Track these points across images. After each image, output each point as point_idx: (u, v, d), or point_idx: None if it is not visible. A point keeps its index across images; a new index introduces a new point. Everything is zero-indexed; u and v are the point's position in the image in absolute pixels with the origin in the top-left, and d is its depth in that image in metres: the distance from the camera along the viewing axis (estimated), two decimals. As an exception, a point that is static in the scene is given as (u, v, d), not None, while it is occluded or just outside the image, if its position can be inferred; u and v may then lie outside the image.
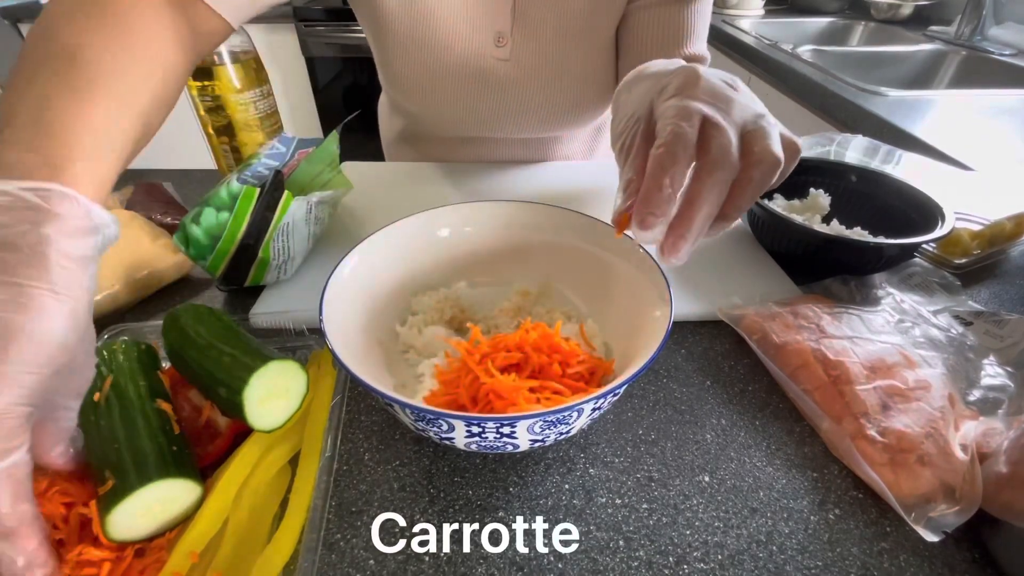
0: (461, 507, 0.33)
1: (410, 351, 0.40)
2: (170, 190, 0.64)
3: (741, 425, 0.38)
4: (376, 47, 0.66)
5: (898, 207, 0.55)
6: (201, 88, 0.57)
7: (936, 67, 1.37)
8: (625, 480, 0.35)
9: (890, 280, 0.49)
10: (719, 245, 0.56)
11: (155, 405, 0.33)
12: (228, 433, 0.35)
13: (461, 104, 0.66)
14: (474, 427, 0.28)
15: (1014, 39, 1.31)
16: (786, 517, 0.33)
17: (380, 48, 0.65)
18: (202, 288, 0.52)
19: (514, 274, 0.46)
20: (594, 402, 0.28)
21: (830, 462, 0.36)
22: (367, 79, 2.04)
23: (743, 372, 0.43)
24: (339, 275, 0.37)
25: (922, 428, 0.34)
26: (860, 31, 1.66)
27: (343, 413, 0.39)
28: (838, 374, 0.38)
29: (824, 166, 0.60)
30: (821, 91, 1.09)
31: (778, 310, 0.45)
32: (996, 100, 1.02)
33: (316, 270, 0.52)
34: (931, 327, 0.44)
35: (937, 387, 0.37)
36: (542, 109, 0.66)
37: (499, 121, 0.67)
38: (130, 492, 0.27)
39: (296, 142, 0.53)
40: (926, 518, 0.31)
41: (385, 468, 0.35)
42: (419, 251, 0.44)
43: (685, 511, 0.33)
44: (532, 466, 0.36)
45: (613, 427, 0.38)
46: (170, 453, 0.30)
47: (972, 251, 0.54)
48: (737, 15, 1.70)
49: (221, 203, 0.43)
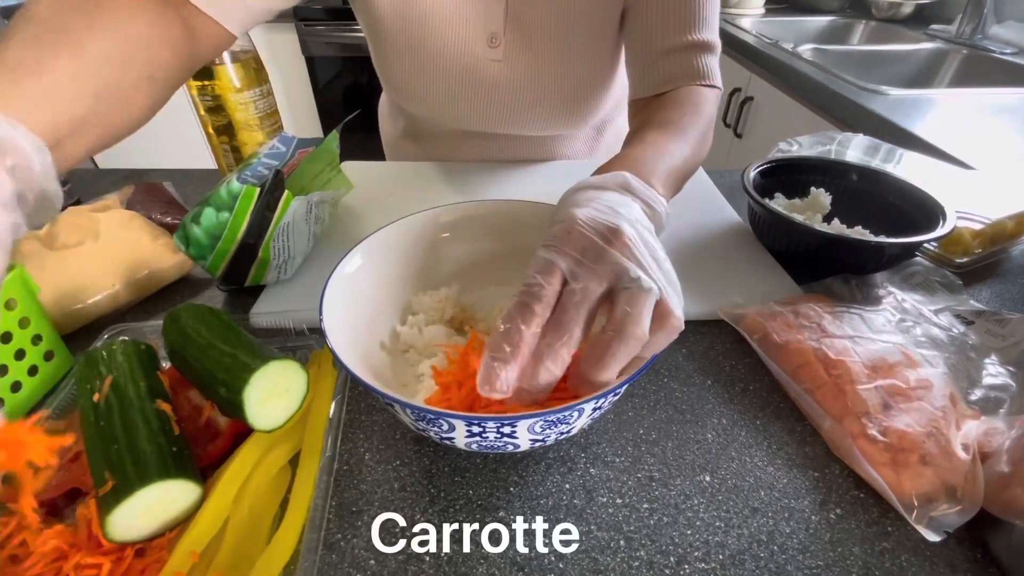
0: (461, 507, 0.33)
1: (410, 351, 0.40)
2: (170, 190, 0.64)
3: (742, 424, 0.38)
4: (373, 48, 0.66)
5: (899, 206, 0.55)
6: (201, 88, 0.57)
7: (937, 66, 1.37)
8: (626, 480, 0.35)
9: (891, 279, 0.49)
10: (720, 244, 0.56)
11: (155, 405, 0.33)
12: (228, 433, 0.35)
13: (456, 104, 0.66)
14: (475, 427, 0.28)
15: (1015, 38, 1.31)
16: (787, 517, 0.33)
17: (376, 49, 0.66)
18: (202, 288, 0.51)
19: (514, 274, 0.45)
20: (594, 402, 0.27)
21: (831, 462, 0.36)
22: (367, 78, 2.03)
23: (744, 371, 0.43)
24: (339, 275, 0.36)
25: (923, 428, 0.34)
26: (861, 30, 1.66)
27: (343, 413, 0.39)
28: (839, 373, 0.38)
29: (825, 165, 0.60)
30: (822, 90, 1.09)
31: (779, 309, 0.44)
32: (997, 99, 1.02)
33: (316, 270, 0.52)
34: (932, 326, 0.44)
35: (938, 386, 0.37)
36: (537, 108, 0.66)
37: (495, 121, 0.67)
38: (130, 493, 0.27)
39: (296, 142, 0.53)
40: (928, 518, 0.31)
41: (385, 468, 0.35)
42: (420, 250, 0.44)
43: (686, 511, 0.33)
44: (533, 466, 0.35)
45: (614, 426, 0.38)
46: (170, 454, 0.30)
47: (973, 250, 0.54)
48: (738, 14, 1.70)
49: (221, 203, 0.43)
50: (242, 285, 0.48)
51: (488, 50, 0.62)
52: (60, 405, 0.36)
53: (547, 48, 0.61)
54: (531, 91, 0.64)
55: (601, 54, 0.63)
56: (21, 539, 0.28)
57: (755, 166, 0.58)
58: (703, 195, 0.66)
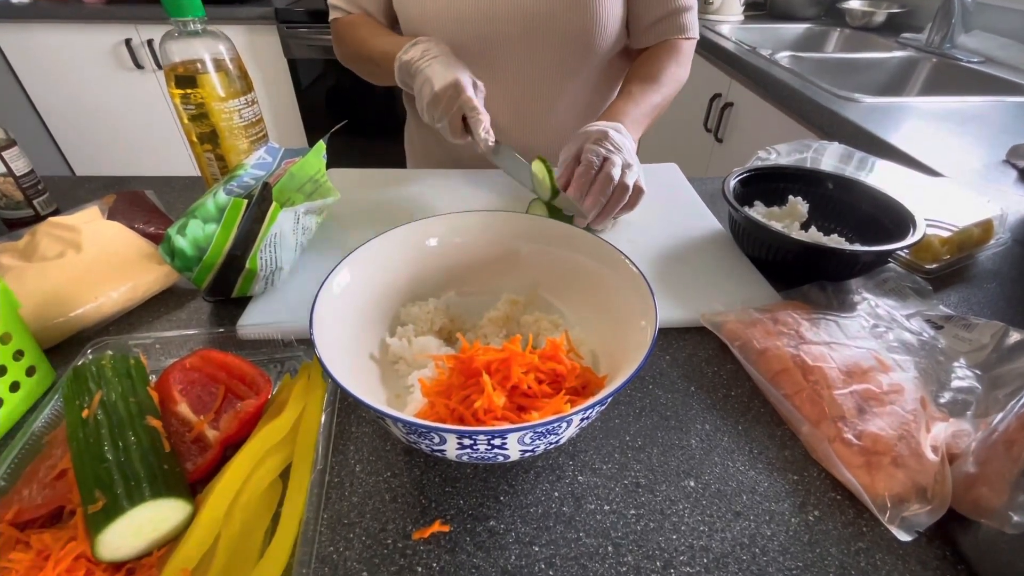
0: (453, 516, 0.34)
1: (400, 362, 0.41)
2: (152, 198, 0.63)
3: (724, 430, 0.40)
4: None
5: (873, 214, 0.56)
6: (184, 96, 0.56)
7: (908, 73, 1.41)
8: (613, 486, 0.36)
9: (866, 285, 0.51)
10: (702, 252, 0.58)
11: (145, 422, 0.32)
12: (218, 446, 0.35)
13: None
14: (465, 439, 0.28)
15: (981, 47, 1.36)
16: (768, 520, 0.34)
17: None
18: (188, 299, 0.51)
19: (502, 283, 0.46)
20: (582, 413, 0.28)
21: (809, 464, 0.37)
22: (350, 81, 2.02)
23: (726, 377, 0.44)
24: (328, 290, 0.37)
25: (895, 431, 0.36)
26: (836, 37, 1.70)
27: (334, 425, 0.39)
28: (816, 379, 0.40)
29: (802, 174, 0.62)
30: (799, 97, 1.11)
31: (759, 316, 0.46)
32: (964, 106, 1.05)
33: (303, 279, 0.52)
34: (904, 331, 0.45)
35: (910, 390, 0.39)
36: (550, 32, 0.68)
37: (506, 39, 0.69)
38: (121, 513, 0.27)
39: (283, 152, 0.53)
40: (900, 518, 0.32)
41: (377, 479, 0.36)
42: (407, 262, 0.44)
43: (671, 516, 0.34)
44: (522, 474, 0.36)
45: (601, 434, 0.39)
46: (160, 472, 0.30)
47: (942, 256, 0.56)
48: (718, 20, 1.73)
49: (208, 215, 0.43)
50: (228, 296, 0.47)
51: None
52: (44, 421, 0.36)
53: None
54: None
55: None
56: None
57: (735, 175, 0.59)
58: (685, 204, 0.68)
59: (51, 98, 2.03)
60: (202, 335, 0.44)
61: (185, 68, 0.55)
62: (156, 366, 0.42)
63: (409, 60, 0.62)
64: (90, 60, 1.94)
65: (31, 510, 0.31)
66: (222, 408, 0.38)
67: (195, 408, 0.38)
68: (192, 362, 0.40)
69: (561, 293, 0.46)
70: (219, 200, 0.43)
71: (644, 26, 0.73)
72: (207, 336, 0.44)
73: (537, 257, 0.46)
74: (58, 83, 1.99)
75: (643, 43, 0.75)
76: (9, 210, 0.60)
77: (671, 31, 0.73)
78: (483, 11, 0.67)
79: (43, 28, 1.87)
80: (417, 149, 0.90)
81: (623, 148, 0.57)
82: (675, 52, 0.73)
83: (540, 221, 0.46)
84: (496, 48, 0.69)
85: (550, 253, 0.45)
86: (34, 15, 1.84)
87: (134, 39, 1.89)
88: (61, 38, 1.89)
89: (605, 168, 0.54)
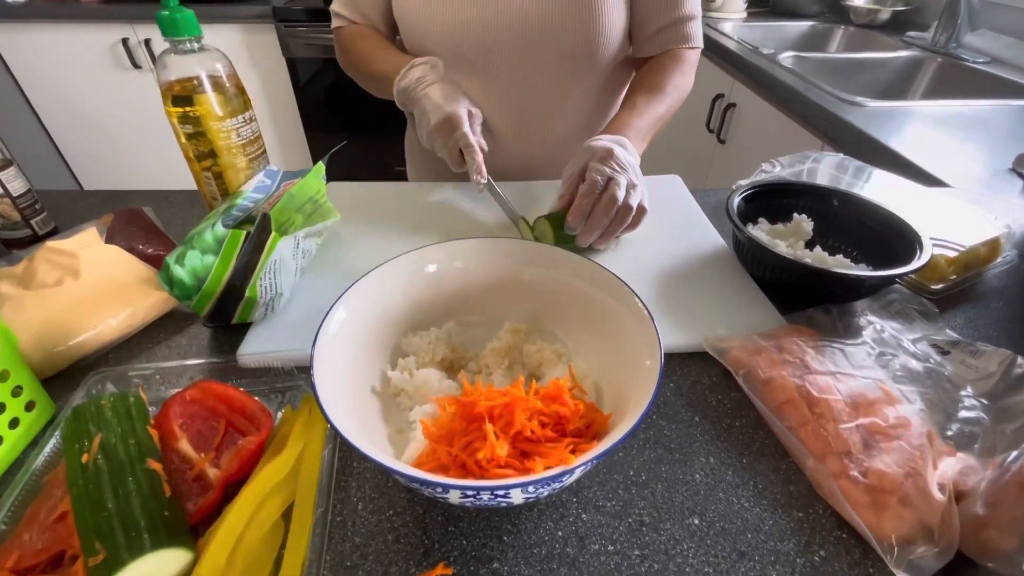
0: (456, 558, 0.33)
1: (401, 394, 0.40)
2: (151, 216, 0.63)
3: (729, 463, 0.39)
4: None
5: (879, 232, 0.56)
6: (182, 115, 0.56)
7: (913, 74, 1.40)
8: (617, 525, 0.35)
9: (871, 307, 0.51)
10: (705, 271, 0.57)
11: (145, 466, 0.32)
12: (219, 486, 0.35)
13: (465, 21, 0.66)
14: (469, 491, 0.28)
15: (988, 46, 1.34)
16: (773, 560, 0.33)
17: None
18: (187, 325, 0.51)
19: (503, 311, 0.46)
20: (583, 467, 0.28)
21: (815, 501, 0.37)
22: (349, 79, 2.00)
23: (730, 407, 0.44)
24: (326, 331, 0.36)
25: (902, 467, 0.35)
26: (840, 35, 1.68)
27: (336, 461, 0.38)
28: (822, 412, 0.39)
29: (806, 190, 0.61)
30: (802, 101, 1.10)
31: (763, 344, 0.45)
32: (969, 110, 1.04)
33: (303, 301, 0.51)
34: (910, 358, 0.45)
35: (916, 424, 0.38)
36: (550, 39, 0.67)
37: (506, 48, 0.67)
38: (122, 566, 0.27)
39: (282, 175, 0.52)
40: (907, 561, 0.32)
41: (379, 518, 0.35)
42: (408, 292, 0.44)
43: (676, 556, 0.34)
44: (525, 513, 0.36)
45: (604, 468, 0.39)
46: (161, 520, 0.30)
47: (948, 276, 0.55)
48: (720, 18, 1.71)
49: (206, 246, 0.43)
50: (228, 323, 0.47)
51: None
52: (44, 459, 0.36)
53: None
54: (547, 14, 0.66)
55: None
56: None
57: (738, 192, 0.59)
58: (688, 219, 0.67)
59: (48, 98, 2.02)
60: (202, 365, 0.44)
61: (182, 87, 0.54)
62: (156, 397, 0.42)
63: (406, 87, 0.63)
64: (87, 60, 1.92)
65: (32, 555, 0.31)
66: (223, 444, 0.38)
67: (196, 443, 0.37)
68: (192, 394, 0.40)
69: (564, 321, 0.45)
70: (217, 233, 0.42)
71: (647, 35, 0.72)
72: (207, 366, 0.44)
73: (539, 284, 0.45)
74: (55, 83, 1.98)
75: (646, 52, 0.74)
76: (7, 230, 0.60)
77: (675, 40, 0.72)
78: (485, 21, 0.66)
79: (39, 28, 1.85)
80: (417, 152, 0.89)
81: (628, 167, 0.56)
82: (679, 62, 0.72)
83: (540, 248, 0.45)
84: (497, 57, 0.68)
85: (552, 280, 0.45)
86: (30, 15, 1.82)
87: (131, 38, 1.87)
88: (57, 38, 1.87)
89: (610, 189, 0.54)
